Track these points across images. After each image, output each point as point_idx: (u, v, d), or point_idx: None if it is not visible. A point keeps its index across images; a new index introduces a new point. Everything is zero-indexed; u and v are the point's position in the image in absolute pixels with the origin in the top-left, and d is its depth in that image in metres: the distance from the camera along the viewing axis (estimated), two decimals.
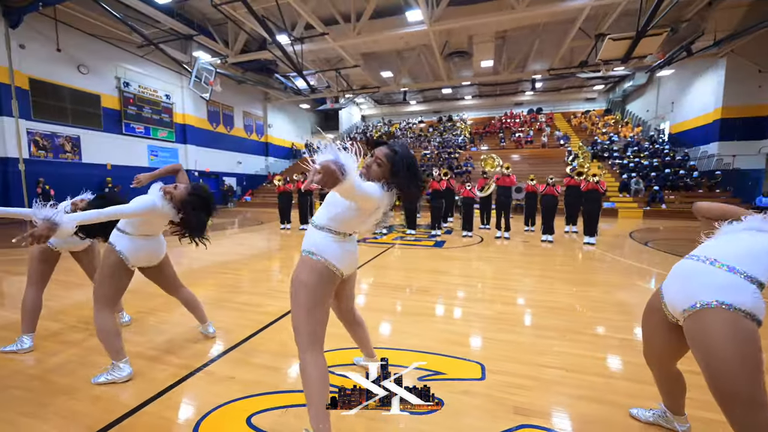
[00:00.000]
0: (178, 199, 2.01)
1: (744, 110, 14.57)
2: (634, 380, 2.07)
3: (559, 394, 1.93)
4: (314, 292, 1.47)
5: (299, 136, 25.99)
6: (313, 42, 14.06)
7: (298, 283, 1.48)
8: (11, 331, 2.64)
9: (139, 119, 14.91)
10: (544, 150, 19.05)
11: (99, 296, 2.04)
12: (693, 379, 1.60)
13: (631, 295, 3.75)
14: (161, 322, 2.92)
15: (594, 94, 24.06)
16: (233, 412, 1.75)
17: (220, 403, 1.81)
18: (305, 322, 1.47)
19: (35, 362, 2.24)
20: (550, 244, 6.90)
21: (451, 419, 1.72)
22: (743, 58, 14.29)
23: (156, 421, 1.69)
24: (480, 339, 2.62)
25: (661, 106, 19.25)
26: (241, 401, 1.83)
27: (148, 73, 15.18)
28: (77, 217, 1.71)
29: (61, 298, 3.43)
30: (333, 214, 1.51)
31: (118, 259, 2.06)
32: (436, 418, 1.72)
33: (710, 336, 1.16)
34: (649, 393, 1.90)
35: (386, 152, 1.52)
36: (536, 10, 11.69)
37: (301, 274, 1.48)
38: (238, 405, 1.81)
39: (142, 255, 2.15)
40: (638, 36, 9.95)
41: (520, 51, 17.21)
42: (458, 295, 3.74)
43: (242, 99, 20.23)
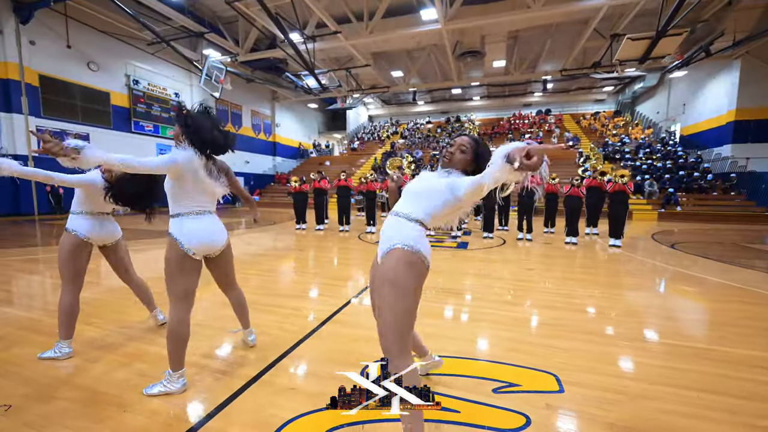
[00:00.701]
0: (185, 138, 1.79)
1: (758, 112, 14.40)
2: (726, 394, 1.91)
3: (651, 409, 1.78)
4: (415, 293, 1.36)
5: (306, 136, 25.88)
6: (324, 41, 13.95)
7: (398, 285, 1.34)
8: (45, 335, 2.50)
9: (148, 117, 14.80)
10: (554, 151, 18.86)
11: (172, 295, 1.81)
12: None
13: (679, 300, 3.59)
14: (194, 324, 2.77)
15: (603, 95, 23.91)
16: (305, 428, 1.61)
17: (288, 418, 1.66)
18: (403, 326, 1.34)
19: (77, 370, 2.09)
20: (575, 246, 6.75)
21: None
22: (758, 59, 14.14)
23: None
24: (540, 346, 2.46)
25: (672, 108, 19.09)
26: (309, 416, 1.68)
27: (157, 71, 15.09)
28: (101, 153, 1.55)
29: (87, 298, 3.29)
30: (431, 209, 1.42)
31: (180, 252, 1.80)
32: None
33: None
34: (752, 409, 1.75)
35: (467, 140, 1.55)
36: (552, 10, 11.56)
37: (401, 275, 1.35)
38: (307, 421, 1.66)
39: (197, 241, 1.84)
40: (658, 36, 9.81)
41: (531, 51, 17.09)
42: (501, 298, 3.59)
43: (251, 98, 20.14)
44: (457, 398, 1.83)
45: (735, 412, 1.75)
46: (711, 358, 2.32)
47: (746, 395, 1.90)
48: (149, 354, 2.28)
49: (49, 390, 1.87)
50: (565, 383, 1.99)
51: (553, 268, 5.03)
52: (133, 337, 2.54)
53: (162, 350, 2.01)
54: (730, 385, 1.99)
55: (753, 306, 3.36)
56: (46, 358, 2.17)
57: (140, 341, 2.47)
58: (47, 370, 2.06)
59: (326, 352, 2.35)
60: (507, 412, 1.72)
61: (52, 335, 2.37)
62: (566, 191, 7.00)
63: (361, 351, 2.34)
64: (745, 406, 1.80)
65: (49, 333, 2.51)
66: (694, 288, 4.02)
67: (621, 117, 22.09)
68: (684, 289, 4.01)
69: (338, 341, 2.51)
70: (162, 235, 1.82)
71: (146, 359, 2.21)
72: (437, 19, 12.27)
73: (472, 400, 1.81)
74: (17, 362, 2.16)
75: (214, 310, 3.06)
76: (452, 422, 1.65)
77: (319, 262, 5.40)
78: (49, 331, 2.56)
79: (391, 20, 13.60)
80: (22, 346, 2.37)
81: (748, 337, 2.64)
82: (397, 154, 20.70)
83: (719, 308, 3.33)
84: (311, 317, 2.97)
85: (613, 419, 1.68)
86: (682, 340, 2.59)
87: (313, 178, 8.42)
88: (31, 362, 2.15)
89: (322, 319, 2.90)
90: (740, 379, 2.07)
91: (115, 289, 3.56)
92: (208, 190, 1.91)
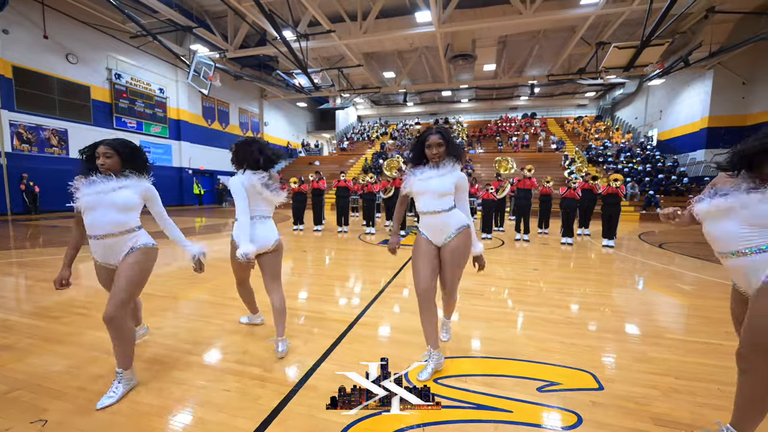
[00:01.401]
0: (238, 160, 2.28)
1: (729, 120, 15.31)
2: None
3: (687, 402, 1.87)
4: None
5: (295, 135, 25.54)
6: (315, 39, 13.82)
7: (467, 250, 2.11)
8: (58, 344, 2.37)
9: (131, 113, 14.24)
10: (540, 154, 19.42)
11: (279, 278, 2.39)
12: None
13: (681, 298, 3.78)
14: (222, 329, 2.70)
15: (585, 100, 24.78)
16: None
17: (347, 423, 1.65)
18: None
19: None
20: (570, 246, 6.97)
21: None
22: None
23: None
24: (568, 345, 2.53)
25: (649, 114, 20.01)
26: (366, 422, 1.68)
27: (141, 65, 14.53)
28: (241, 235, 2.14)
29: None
30: (451, 200, 2.07)
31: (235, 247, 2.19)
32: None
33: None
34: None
35: (436, 136, 2.02)
36: (543, 16, 11.90)
37: (468, 244, 2.11)
38: (364, 426, 1.65)
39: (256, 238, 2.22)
40: (642, 45, 10.26)
41: (519, 56, 17.52)
42: (517, 299, 3.67)
43: (238, 95, 19.71)
44: (507, 398, 1.87)
45: None
46: (722, 352, 2.46)
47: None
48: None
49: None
50: (604, 381, 2.07)
51: (557, 268, 5.18)
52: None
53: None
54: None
55: None
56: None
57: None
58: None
59: (363, 355, 2.34)
60: (558, 410, 1.77)
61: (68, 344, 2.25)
62: (562, 193, 7.22)
63: (394, 352, 2.34)
64: None
65: (64, 342, 2.39)
66: (691, 286, 4.24)
67: (602, 122, 22.96)
68: (682, 287, 4.22)
69: (370, 343, 2.51)
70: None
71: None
72: (431, 22, 12.39)
73: (522, 400, 1.85)
74: (46, 376, 2.04)
75: (224, 311, 2.99)
76: (507, 422, 1.69)
77: (323, 263, 5.35)
78: (62, 339, 2.44)
79: (384, 21, 13.64)
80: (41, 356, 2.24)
81: None
82: (388, 155, 20.74)
83: (719, 306, 3.53)
84: (339, 317, 2.95)
85: (655, 413, 1.76)
86: (694, 336, 2.74)
87: (311, 179, 8.32)
88: (55, 373, 2.04)
89: (347, 321, 2.88)
90: None
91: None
92: (267, 199, 2.31)
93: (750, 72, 14.78)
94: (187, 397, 1.82)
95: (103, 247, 1.84)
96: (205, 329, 2.70)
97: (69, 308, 3.07)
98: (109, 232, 1.81)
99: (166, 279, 4.14)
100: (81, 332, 2.58)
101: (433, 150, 1.99)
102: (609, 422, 1.70)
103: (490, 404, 1.81)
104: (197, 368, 2.12)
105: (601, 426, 1.67)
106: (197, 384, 1.94)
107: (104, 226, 1.79)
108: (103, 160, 1.81)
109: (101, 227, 1.79)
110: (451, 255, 2.04)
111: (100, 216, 1.78)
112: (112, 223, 1.80)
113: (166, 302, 3.31)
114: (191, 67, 12.69)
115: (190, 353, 2.30)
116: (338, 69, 16.56)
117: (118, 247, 1.85)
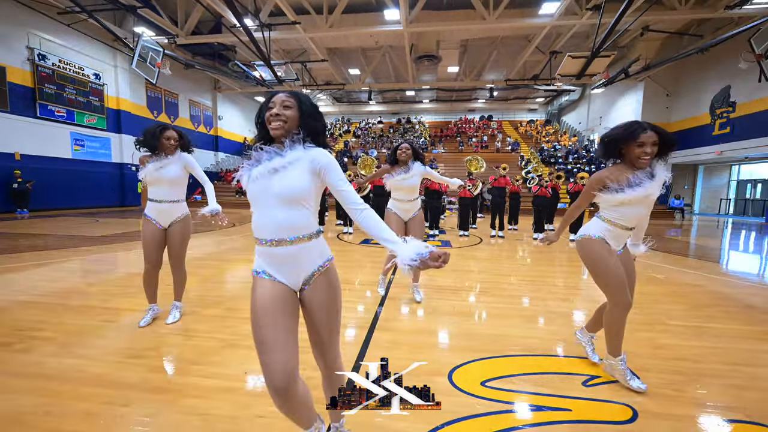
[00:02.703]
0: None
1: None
2: (744, 364, 2.21)
3: (719, 385, 1.97)
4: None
5: (252, 131, 24.12)
6: (278, 30, 13.14)
7: (423, 221, 3.30)
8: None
9: (59, 101, 12.38)
10: (498, 155, 20.41)
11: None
12: None
13: (657, 286, 4.11)
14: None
15: (536, 105, 26.59)
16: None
17: (433, 427, 1.49)
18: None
19: None
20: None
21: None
22: (656, 83, 17.06)
23: None
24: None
25: (591, 120, 22.02)
26: (449, 428, 1.53)
27: (71, 46, 12.69)
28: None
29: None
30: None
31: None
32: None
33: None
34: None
35: (406, 145, 3.05)
36: (505, 23, 12.47)
37: (422, 216, 3.30)
38: (462, 427, 1.50)
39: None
40: (592, 56, 11.18)
41: (479, 60, 18.24)
42: (518, 293, 3.72)
43: (188, 86, 18.10)
44: (561, 396, 1.83)
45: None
46: (712, 334, 2.68)
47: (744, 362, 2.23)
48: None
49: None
50: (634, 370, 2.12)
51: (540, 263, 5.39)
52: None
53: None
54: (743, 356, 2.32)
55: (721, 288, 3.99)
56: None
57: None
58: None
59: (398, 359, 2.17)
60: (613, 405, 1.76)
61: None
62: (535, 191, 7.58)
63: (424, 354, 2.21)
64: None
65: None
66: (662, 275, 4.64)
67: (551, 126, 24.79)
68: (655, 276, 4.60)
69: (398, 346, 2.35)
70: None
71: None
72: (400, 21, 12.39)
73: (576, 397, 1.82)
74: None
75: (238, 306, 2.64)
76: (569, 422, 1.64)
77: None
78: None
79: (352, 16, 13.37)
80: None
81: (730, 315, 3.13)
82: (351, 153, 20.45)
83: (693, 292, 3.88)
84: (354, 324, 2.74)
85: (694, 398, 1.83)
86: (687, 321, 2.96)
87: None
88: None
89: (366, 327, 2.69)
90: (742, 349, 2.42)
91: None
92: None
93: (673, 85, 16.89)
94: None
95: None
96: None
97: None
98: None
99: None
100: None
101: (404, 156, 3.03)
102: (660, 412, 1.72)
103: (549, 404, 1.76)
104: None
105: (657, 416, 1.68)
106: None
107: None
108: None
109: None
110: (414, 224, 3.24)
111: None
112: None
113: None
114: (136, 51, 11.31)
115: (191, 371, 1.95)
116: (302, 63, 15.93)
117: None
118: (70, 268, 4.35)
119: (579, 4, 11.54)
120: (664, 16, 11.54)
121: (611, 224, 1.89)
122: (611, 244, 1.92)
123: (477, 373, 2.04)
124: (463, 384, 1.91)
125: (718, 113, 14.51)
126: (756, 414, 1.70)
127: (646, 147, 1.69)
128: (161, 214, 2.50)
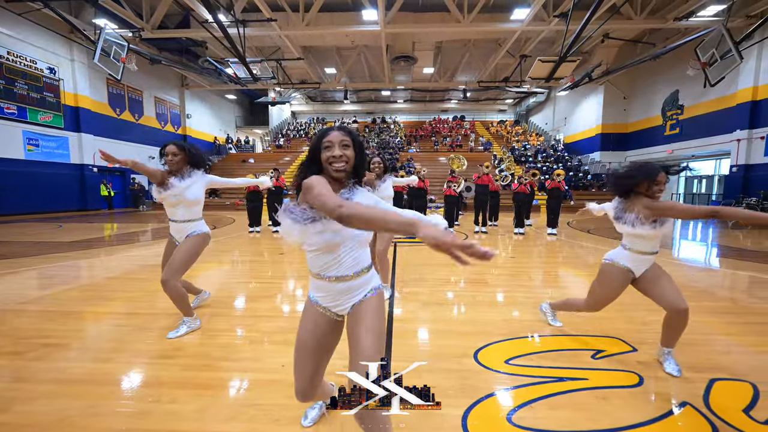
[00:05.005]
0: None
1: (615, 127, 18.72)
2: (733, 334, 2.55)
3: (709, 352, 2.26)
4: None
5: (222, 130, 23.25)
6: (252, 27, 12.82)
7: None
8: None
9: (8, 96, 11.35)
10: (472, 154, 21.07)
11: None
12: None
13: None
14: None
15: (505, 106, 27.70)
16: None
17: (474, 401, 1.61)
18: None
19: None
20: (522, 236, 7.75)
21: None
22: (615, 87, 18.39)
23: None
24: (579, 318, 2.83)
25: (557, 121, 23.30)
26: (489, 400, 1.66)
27: (21, 38, 11.65)
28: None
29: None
30: None
31: None
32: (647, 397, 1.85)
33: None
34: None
35: (378, 159, 3.33)
36: (479, 27, 12.94)
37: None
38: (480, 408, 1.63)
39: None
40: (560, 60, 11.89)
41: (452, 62, 18.74)
42: (519, 283, 3.97)
43: (153, 82, 17.15)
44: (578, 368, 2.03)
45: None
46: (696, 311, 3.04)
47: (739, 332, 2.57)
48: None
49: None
50: (632, 343, 2.38)
51: (527, 255, 5.72)
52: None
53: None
54: (724, 328, 2.66)
55: (694, 273, 4.46)
56: None
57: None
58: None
59: (420, 350, 2.29)
60: (623, 373, 1.99)
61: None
62: (515, 188, 7.98)
63: (450, 341, 2.35)
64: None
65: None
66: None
67: (520, 126, 25.94)
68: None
69: (418, 336, 2.47)
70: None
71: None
72: (377, 21, 12.50)
73: (590, 368, 2.03)
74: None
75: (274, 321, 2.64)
76: (589, 388, 1.84)
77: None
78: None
79: (328, 15, 13.30)
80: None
81: (699, 294, 3.54)
82: None
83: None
84: None
85: (689, 364, 2.10)
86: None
87: (270, 176, 7.70)
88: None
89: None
90: (702, 322, 2.78)
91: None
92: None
93: (629, 89, 18.26)
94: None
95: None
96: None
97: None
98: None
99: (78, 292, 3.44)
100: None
101: (378, 169, 3.35)
102: (663, 376, 1.97)
103: (569, 375, 1.95)
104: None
105: (660, 380, 1.93)
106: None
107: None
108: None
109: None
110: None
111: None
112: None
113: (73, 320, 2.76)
114: (98, 45, 10.59)
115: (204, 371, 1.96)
116: (277, 61, 15.61)
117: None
118: (49, 275, 4.08)
119: (547, 12, 12.22)
120: (622, 25, 12.48)
121: (638, 253, 2.07)
122: (635, 273, 2.12)
123: (499, 353, 2.20)
124: (490, 363, 2.07)
125: (668, 115, 15.89)
126: (740, 373, 1.99)
127: (662, 185, 1.94)
128: (178, 232, 2.53)
